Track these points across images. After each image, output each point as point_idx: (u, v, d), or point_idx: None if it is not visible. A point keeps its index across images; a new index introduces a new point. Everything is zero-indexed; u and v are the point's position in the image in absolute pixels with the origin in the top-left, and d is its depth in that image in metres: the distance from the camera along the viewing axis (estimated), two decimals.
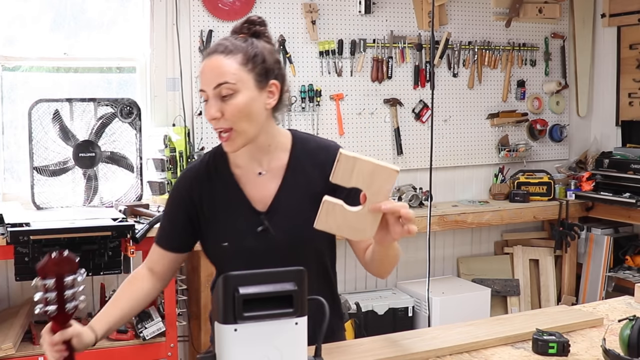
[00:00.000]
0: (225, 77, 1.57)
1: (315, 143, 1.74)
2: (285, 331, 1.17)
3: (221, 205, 1.71)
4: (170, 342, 3.23)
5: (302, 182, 1.68)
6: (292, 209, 1.66)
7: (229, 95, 1.57)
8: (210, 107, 1.58)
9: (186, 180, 1.75)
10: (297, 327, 1.18)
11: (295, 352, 1.18)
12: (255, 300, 1.14)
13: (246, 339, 1.14)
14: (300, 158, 1.70)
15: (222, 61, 1.58)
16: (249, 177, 1.70)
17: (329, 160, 1.60)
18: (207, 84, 1.59)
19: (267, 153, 1.68)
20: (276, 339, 1.16)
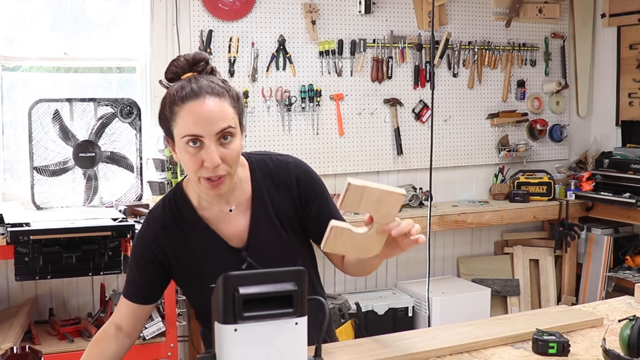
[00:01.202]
0: (228, 121, 1.49)
1: (272, 163, 1.68)
2: (285, 331, 1.17)
3: (197, 251, 1.65)
4: (170, 342, 3.23)
5: (270, 207, 1.65)
6: (269, 237, 1.64)
7: (230, 139, 1.50)
8: (213, 153, 1.47)
9: (152, 232, 1.67)
10: (297, 327, 1.18)
11: (295, 352, 1.18)
12: (255, 300, 1.14)
13: (246, 339, 1.14)
14: (262, 184, 1.65)
15: (220, 103, 1.49)
16: (218, 216, 1.65)
17: (291, 177, 1.65)
18: (207, 128, 1.47)
19: (233, 190, 1.62)
20: (276, 339, 1.16)
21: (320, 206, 1.67)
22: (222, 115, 1.49)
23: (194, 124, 1.47)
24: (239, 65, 3.91)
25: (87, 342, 3.11)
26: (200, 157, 1.49)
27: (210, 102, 1.48)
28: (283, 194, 1.66)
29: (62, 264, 2.96)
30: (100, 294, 3.50)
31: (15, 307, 3.41)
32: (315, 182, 1.70)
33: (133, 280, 1.70)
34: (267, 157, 1.70)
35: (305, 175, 1.68)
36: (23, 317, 3.23)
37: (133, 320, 1.70)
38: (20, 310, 3.32)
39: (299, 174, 1.67)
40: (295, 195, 1.66)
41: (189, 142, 1.49)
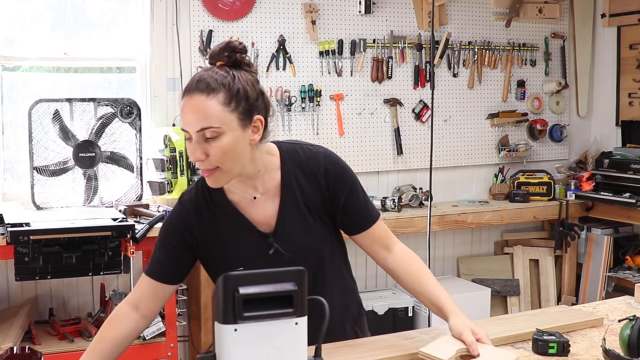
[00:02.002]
0: (209, 120, 1.51)
1: (303, 153, 1.70)
2: (285, 331, 1.17)
3: (226, 234, 1.68)
4: (170, 342, 3.23)
5: (299, 195, 1.67)
6: (296, 224, 1.67)
7: (214, 138, 1.52)
8: (195, 149, 1.53)
9: (184, 213, 1.71)
10: (297, 327, 1.18)
11: (295, 352, 1.18)
12: (255, 300, 1.14)
13: (246, 339, 1.14)
14: (292, 173, 1.68)
15: (205, 102, 1.51)
16: (247, 201, 1.68)
17: (320, 168, 1.68)
18: (189, 126, 1.53)
19: (259, 177, 1.66)
20: (276, 339, 1.16)
21: (349, 197, 1.70)
22: (203, 115, 1.51)
23: (182, 118, 1.56)
24: None
25: (87, 342, 3.14)
26: (190, 150, 1.56)
27: (195, 100, 1.52)
28: (312, 183, 1.68)
29: (62, 264, 2.96)
30: (100, 294, 3.51)
31: (15, 307, 3.41)
32: (345, 173, 1.72)
33: (158, 259, 1.71)
34: (298, 146, 1.73)
35: (334, 166, 1.70)
36: (23, 317, 3.23)
37: (152, 299, 1.70)
38: (20, 310, 3.32)
39: (328, 164, 1.69)
40: (323, 186, 1.68)
41: (185, 135, 1.56)
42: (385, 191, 4.32)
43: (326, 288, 1.72)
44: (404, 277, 1.75)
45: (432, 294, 1.72)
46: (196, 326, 3.67)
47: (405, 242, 4.34)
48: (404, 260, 1.75)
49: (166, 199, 3.66)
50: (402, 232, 4.03)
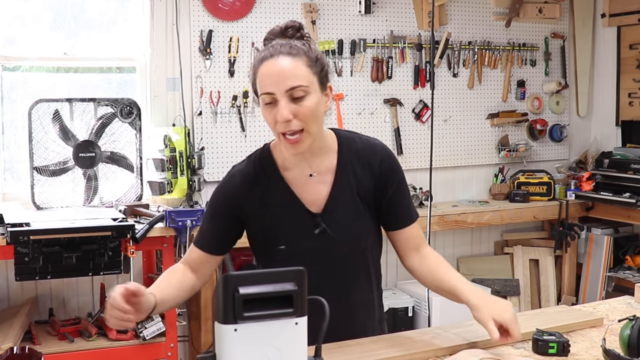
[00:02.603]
0: (299, 79, 1.55)
1: (360, 142, 1.75)
2: (285, 331, 1.17)
3: (274, 209, 1.70)
4: (170, 342, 3.23)
5: (352, 181, 1.70)
6: (345, 208, 1.70)
7: (301, 97, 1.56)
8: (283, 109, 1.54)
9: (234, 184, 1.72)
10: (297, 327, 1.17)
11: (295, 352, 1.18)
12: (255, 300, 1.14)
13: (246, 339, 1.14)
14: (348, 158, 1.71)
15: (292, 63, 1.56)
16: (300, 179, 1.70)
17: (376, 158, 1.72)
18: (276, 86, 1.54)
19: (318, 155, 1.69)
20: (276, 339, 1.16)
21: (396, 191, 1.75)
22: (292, 74, 1.55)
23: (266, 82, 1.56)
24: (239, 65, 3.91)
25: (87, 342, 3.14)
26: (274, 114, 1.56)
27: (282, 60, 1.56)
28: (366, 171, 1.71)
29: (62, 264, 2.96)
30: (100, 294, 3.50)
31: (15, 307, 3.41)
32: (397, 169, 1.76)
33: (206, 230, 1.75)
34: (356, 136, 1.77)
35: (389, 158, 1.75)
36: (23, 317, 3.23)
37: (203, 267, 1.75)
38: (20, 310, 3.32)
39: (384, 156, 1.74)
40: (377, 175, 1.72)
41: (264, 102, 1.58)
42: None
43: (361, 279, 1.76)
44: (424, 275, 1.79)
45: (449, 285, 1.73)
46: (196, 326, 3.67)
47: None
48: (429, 261, 1.80)
49: (166, 199, 3.67)
50: None
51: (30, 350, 1.63)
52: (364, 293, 1.78)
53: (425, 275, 1.79)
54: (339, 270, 1.72)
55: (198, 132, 3.84)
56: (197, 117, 3.84)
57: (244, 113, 3.93)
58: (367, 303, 1.80)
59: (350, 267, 1.73)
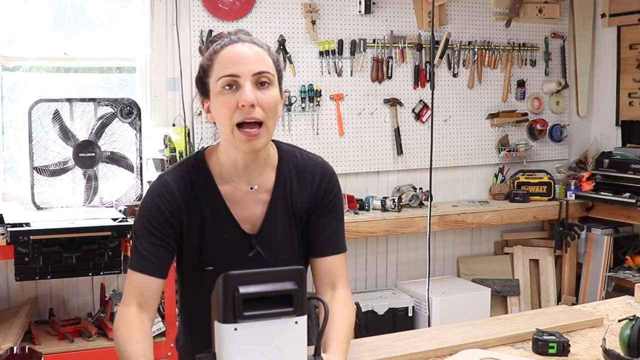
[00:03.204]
0: (266, 66, 1.47)
1: (301, 157, 1.64)
2: (285, 330, 1.16)
3: (207, 226, 1.57)
4: (170, 342, 3.23)
5: (288, 201, 1.60)
6: (280, 230, 1.59)
7: (267, 86, 1.47)
8: (248, 92, 1.43)
9: (169, 194, 1.55)
10: (297, 326, 1.17)
11: (295, 351, 1.17)
12: (254, 299, 1.14)
13: (246, 338, 1.14)
14: (287, 175, 1.60)
15: (259, 50, 1.48)
16: (236, 194, 1.57)
17: (315, 176, 1.62)
18: (243, 67, 1.44)
19: (260, 167, 1.57)
20: (276, 338, 1.16)
21: (328, 214, 1.63)
22: (260, 59, 1.47)
23: (230, 63, 1.45)
24: None
25: (87, 342, 3.14)
26: (235, 99, 1.44)
27: (248, 45, 1.48)
28: (303, 188, 1.61)
29: (62, 264, 2.96)
30: (100, 294, 3.50)
31: (15, 307, 3.41)
32: (336, 190, 1.65)
33: (147, 250, 1.53)
34: (297, 150, 1.66)
35: (329, 178, 1.64)
36: (23, 317, 3.23)
37: (154, 295, 1.53)
38: (20, 310, 3.32)
39: (324, 174, 1.64)
40: (313, 194, 1.62)
41: (224, 85, 1.46)
42: (385, 191, 4.32)
43: None
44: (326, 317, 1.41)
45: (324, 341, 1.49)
46: None
47: (405, 242, 4.36)
48: (336, 304, 1.57)
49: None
50: (402, 232, 4.04)
51: (30, 350, 1.62)
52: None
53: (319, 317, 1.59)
54: None
55: (198, 132, 3.84)
56: (197, 117, 3.84)
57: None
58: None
59: None
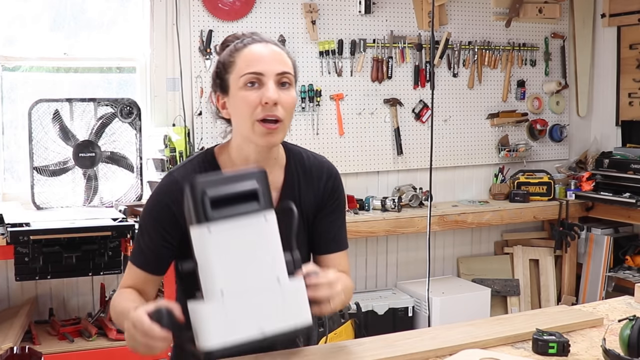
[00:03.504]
0: (288, 67, 1.53)
1: (307, 157, 1.69)
2: (256, 227, 1.20)
3: None
4: None
5: (297, 196, 1.64)
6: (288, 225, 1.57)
7: (288, 87, 1.53)
8: (272, 90, 1.48)
9: (177, 194, 1.49)
10: (267, 223, 1.21)
11: (268, 247, 1.21)
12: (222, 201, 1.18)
13: (221, 239, 1.18)
14: (295, 175, 1.65)
15: (282, 52, 1.54)
16: None
17: (322, 176, 1.67)
18: (268, 67, 1.50)
19: (270, 166, 1.58)
20: (249, 235, 1.20)
21: (332, 213, 1.67)
22: (283, 60, 1.53)
23: (255, 61, 1.50)
24: None
25: (87, 342, 3.14)
26: (258, 96, 1.49)
27: (272, 47, 1.53)
28: (311, 186, 1.65)
29: (62, 264, 2.96)
30: (100, 294, 3.50)
31: (15, 307, 3.41)
32: (340, 190, 1.70)
33: (148, 247, 1.56)
34: (303, 150, 1.71)
35: (335, 178, 1.69)
36: (23, 317, 3.23)
37: (147, 287, 1.58)
38: (20, 310, 3.32)
39: (330, 173, 1.69)
40: (320, 191, 1.66)
41: (247, 82, 1.50)
42: (385, 191, 4.32)
43: None
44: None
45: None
46: None
47: (405, 242, 4.36)
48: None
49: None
50: (402, 232, 4.04)
51: (30, 350, 1.62)
52: None
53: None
54: None
55: (198, 132, 3.84)
56: (197, 117, 3.84)
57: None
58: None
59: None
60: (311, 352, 1.62)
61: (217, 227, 1.18)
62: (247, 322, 1.15)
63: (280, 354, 1.62)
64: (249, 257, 1.19)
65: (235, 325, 1.15)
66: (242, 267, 1.18)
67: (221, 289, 1.15)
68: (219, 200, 1.18)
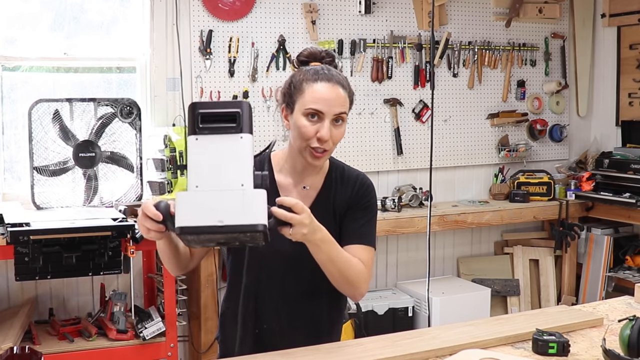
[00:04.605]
0: (345, 109, 1.78)
1: (346, 170, 1.93)
2: (233, 143, 1.45)
3: None
4: (170, 342, 3.23)
5: (331, 199, 1.86)
6: (320, 220, 1.74)
7: (340, 124, 1.78)
8: (327, 129, 1.74)
9: None
10: (242, 141, 1.46)
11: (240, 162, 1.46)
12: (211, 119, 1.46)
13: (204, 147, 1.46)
14: (334, 181, 1.89)
15: (342, 93, 1.78)
16: (289, 188, 1.86)
17: (356, 182, 1.90)
18: (329, 108, 1.74)
19: (313, 173, 1.86)
20: (226, 149, 1.45)
21: (362, 212, 1.86)
22: (342, 102, 1.77)
23: (320, 100, 1.75)
24: (239, 65, 3.92)
25: (87, 342, 3.14)
26: (315, 129, 1.75)
27: (336, 88, 1.77)
28: (345, 191, 1.88)
29: (62, 264, 2.96)
30: (100, 294, 3.51)
31: (15, 307, 3.41)
32: (371, 197, 1.89)
33: None
34: (346, 165, 1.96)
35: (367, 187, 1.90)
36: (23, 317, 3.23)
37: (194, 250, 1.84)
38: (20, 310, 3.32)
39: (364, 183, 1.90)
40: (352, 195, 1.87)
41: (309, 114, 1.75)
42: (385, 191, 4.32)
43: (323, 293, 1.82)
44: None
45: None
46: (196, 326, 3.67)
47: (405, 242, 4.35)
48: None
49: (166, 199, 3.66)
50: (402, 232, 4.04)
51: (30, 350, 1.63)
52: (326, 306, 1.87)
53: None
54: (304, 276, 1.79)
55: None
56: None
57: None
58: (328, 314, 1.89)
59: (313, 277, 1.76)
60: (311, 352, 1.63)
61: (202, 138, 1.46)
62: (211, 213, 1.43)
63: (280, 354, 1.62)
64: (223, 164, 1.45)
65: (201, 213, 1.43)
66: (216, 171, 1.45)
67: (196, 184, 1.45)
68: (208, 118, 1.46)
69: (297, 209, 1.55)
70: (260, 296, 1.83)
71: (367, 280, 1.80)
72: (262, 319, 1.83)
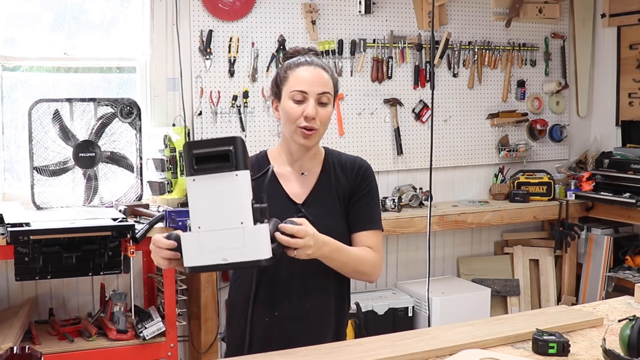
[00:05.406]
0: (328, 88, 1.89)
1: (344, 155, 2.02)
2: (229, 181, 1.50)
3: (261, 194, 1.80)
4: (170, 342, 3.23)
5: (332, 182, 1.95)
6: (324, 202, 1.93)
7: (325, 104, 1.88)
8: (312, 107, 1.85)
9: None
10: (238, 178, 1.51)
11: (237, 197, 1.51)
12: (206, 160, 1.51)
13: (201, 187, 1.51)
14: (331, 166, 1.98)
15: (325, 74, 1.90)
16: (289, 176, 1.94)
17: (354, 166, 1.98)
18: (313, 88, 1.86)
19: (309, 159, 1.94)
20: (223, 186, 1.51)
21: (365, 196, 1.94)
22: (324, 83, 1.89)
23: (303, 82, 1.86)
24: (239, 65, 3.92)
25: (87, 342, 3.14)
26: (302, 109, 1.86)
27: (318, 70, 1.89)
28: (345, 175, 1.96)
29: (62, 264, 2.96)
30: (100, 294, 3.51)
31: (15, 307, 3.41)
32: (371, 180, 1.98)
33: None
34: (342, 152, 2.05)
35: (366, 170, 1.98)
36: (23, 317, 3.23)
37: None
38: (20, 310, 3.32)
39: (361, 166, 1.99)
40: (352, 180, 1.96)
41: (295, 96, 1.86)
42: (385, 191, 4.32)
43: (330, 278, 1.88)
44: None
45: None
46: (196, 326, 3.67)
47: (405, 242, 4.35)
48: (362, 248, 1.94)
49: (166, 199, 3.67)
50: (402, 232, 4.04)
51: (30, 350, 1.63)
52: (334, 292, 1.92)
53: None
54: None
55: (198, 132, 3.84)
56: (197, 117, 3.84)
57: (244, 113, 3.93)
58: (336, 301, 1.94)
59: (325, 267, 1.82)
60: (311, 352, 1.63)
61: (199, 178, 1.52)
62: (215, 252, 1.51)
63: (280, 354, 1.62)
64: (221, 203, 1.51)
65: (206, 254, 1.51)
66: (215, 210, 1.51)
67: (198, 225, 1.52)
68: (202, 159, 1.51)
69: (300, 235, 1.62)
70: (270, 281, 1.87)
71: (380, 265, 1.93)
72: (275, 305, 1.86)
